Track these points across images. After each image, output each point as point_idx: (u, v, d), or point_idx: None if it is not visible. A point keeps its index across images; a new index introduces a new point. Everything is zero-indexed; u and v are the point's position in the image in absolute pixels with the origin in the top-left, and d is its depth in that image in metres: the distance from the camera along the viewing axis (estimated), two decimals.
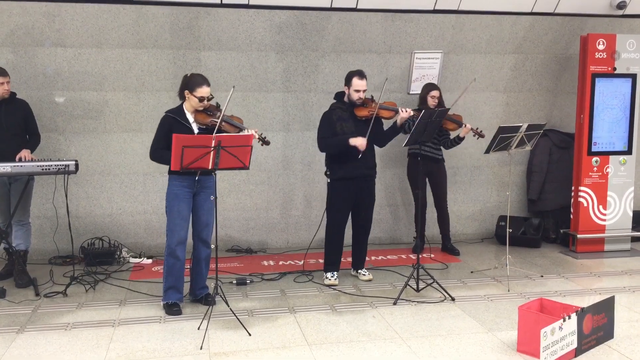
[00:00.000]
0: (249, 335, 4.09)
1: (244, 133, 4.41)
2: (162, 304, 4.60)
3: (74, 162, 5.04)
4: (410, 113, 5.13)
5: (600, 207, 6.44)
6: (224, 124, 4.47)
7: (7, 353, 3.83)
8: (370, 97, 5.22)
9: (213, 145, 4.05)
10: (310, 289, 5.19)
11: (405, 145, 4.98)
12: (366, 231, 5.40)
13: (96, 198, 6.27)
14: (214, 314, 4.32)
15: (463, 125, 5.81)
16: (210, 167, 4.13)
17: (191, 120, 4.51)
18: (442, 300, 4.81)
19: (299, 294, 5.05)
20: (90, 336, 4.10)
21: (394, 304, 4.74)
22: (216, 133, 4.15)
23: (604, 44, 6.28)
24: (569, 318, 3.70)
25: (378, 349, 3.89)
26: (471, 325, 4.30)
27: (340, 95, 5.24)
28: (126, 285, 5.24)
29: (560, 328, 3.65)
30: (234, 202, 6.52)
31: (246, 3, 5.96)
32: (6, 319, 4.42)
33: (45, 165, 4.96)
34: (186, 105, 4.52)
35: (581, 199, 6.42)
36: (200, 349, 3.87)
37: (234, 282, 5.29)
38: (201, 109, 4.48)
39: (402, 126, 5.20)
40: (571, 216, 6.55)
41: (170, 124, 4.43)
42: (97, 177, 6.24)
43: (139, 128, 6.23)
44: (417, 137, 4.95)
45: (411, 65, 6.52)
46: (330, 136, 5.09)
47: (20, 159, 5.07)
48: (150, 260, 6.04)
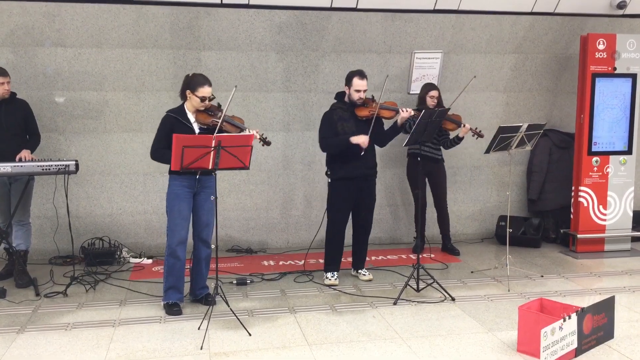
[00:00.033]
0: (249, 335, 4.09)
1: (244, 133, 4.42)
2: (163, 304, 4.60)
3: (74, 162, 5.04)
4: (411, 113, 5.13)
5: (601, 207, 6.43)
6: (225, 124, 4.47)
7: (8, 353, 3.83)
8: (371, 97, 5.22)
9: (213, 145, 4.05)
10: (310, 289, 5.19)
11: (406, 145, 4.98)
12: (366, 231, 5.39)
13: (96, 198, 6.27)
14: (214, 314, 4.32)
15: (462, 125, 5.81)
16: (210, 167, 4.14)
17: (192, 120, 4.51)
18: (442, 300, 4.81)
19: (299, 294, 5.05)
20: (91, 336, 4.10)
21: (394, 304, 4.74)
22: (217, 133, 4.15)
23: (604, 44, 6.28)
24: (569, 318, 3.70)
25: (378, 349, 3.89)
26: (471, 325, 4.30)
27: (340, 95, 5.24)
28: (126, 286, 5.24)
29: (561, 328, 3.65)
30: (234, 202, 6.52)
31: (246, 3, 5.96)
32: (6, 319, 4.42)
33: (46, 165, 4.96)
34: (187, 105, 4.52)
35: (581, 199, 6.42)
36: (201, 349, 3.88)
37: (234, 282, 5.29)
38: (202, 109, 4.48)
39: (403, 126, 5.20)
40: (571, 216, 6.55)
41: (172, 123, 4.43)
42: (97, 177, 6.24)
43: (139, 128, 6.23)
44: (418, 137, 4.96)
45: (411, 65, 6.52)
46: (331, 136, 5.09)
47: (21, 159, 5.06)
48: (150, 260, 6.04)
